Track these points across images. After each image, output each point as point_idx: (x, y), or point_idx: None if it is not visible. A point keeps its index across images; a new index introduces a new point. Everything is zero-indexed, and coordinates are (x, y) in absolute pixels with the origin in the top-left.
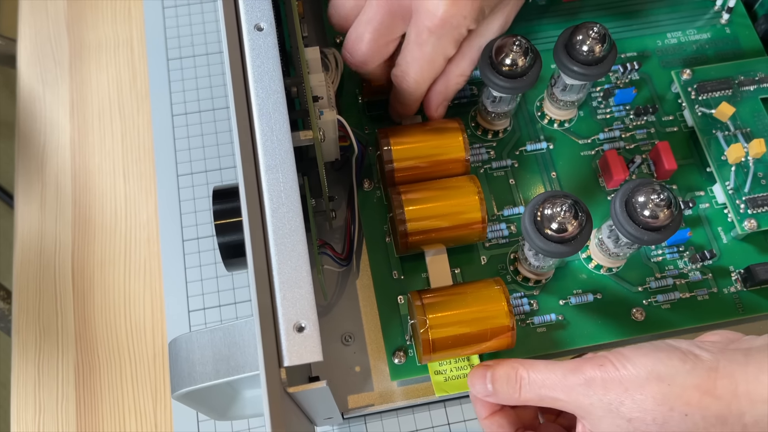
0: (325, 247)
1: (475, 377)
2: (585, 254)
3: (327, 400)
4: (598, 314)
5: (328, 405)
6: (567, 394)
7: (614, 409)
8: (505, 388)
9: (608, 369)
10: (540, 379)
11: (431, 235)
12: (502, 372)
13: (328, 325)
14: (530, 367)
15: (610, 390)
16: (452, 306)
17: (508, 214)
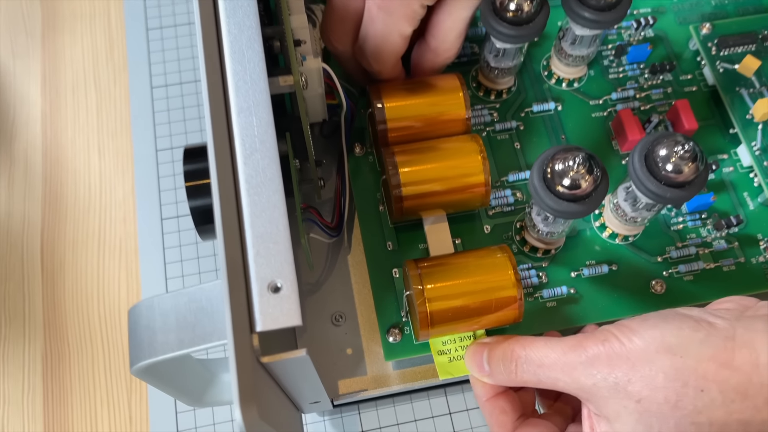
0: (310, 211)
1: (471, 356)
2: (598, 222)
3: (309, 375)
4: (614, 287)
5: (312, 383)
6: (568, 373)
7: (621, 388)
8: (501, 368)
9: (612, 344)
10: (537, 357)
11: (429, 199)
12: (498, 351)
13: (317, 304)
14: (527, 345)
15: (616, 367)
16: (452, 275)
17: (513, 179)
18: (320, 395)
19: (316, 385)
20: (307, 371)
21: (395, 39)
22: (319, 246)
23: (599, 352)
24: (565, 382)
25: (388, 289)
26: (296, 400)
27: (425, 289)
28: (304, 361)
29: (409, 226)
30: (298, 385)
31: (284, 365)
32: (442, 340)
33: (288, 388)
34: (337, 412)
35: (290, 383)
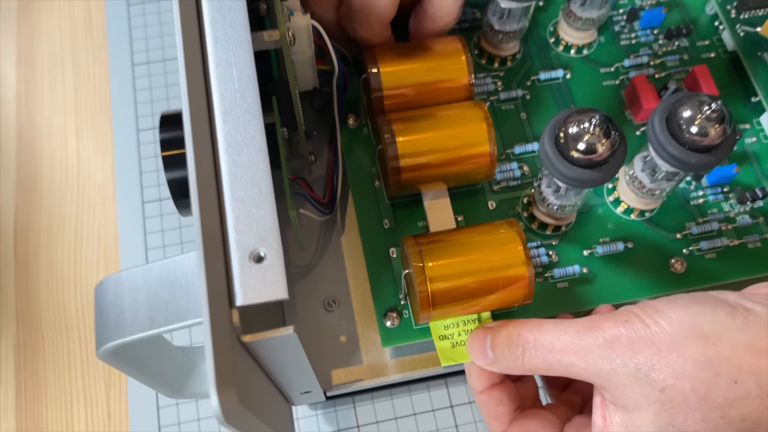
0: (299, 183)
1: (474, 342)
2: (612, 197)
3: (297, 358)
4: (630, 266)
5: (301, 368)
6: (583, 357)
7: (643, 375)
8: (506, 354)
9: (635, 325)
10: (548, 341)
11: (428, 171)
12: (502, 335)
13: (308, 288)
14: (535, 328)
15: (639, 351)
16: (456, 252)
17: (520, 152)
18: (311, 384)
19: (306, 371)
20: (294, 353)
21: (383, 2)
22: (311, 225)
23: (619, 334)
24: (579, 368)
25: (385, 271)
26: (285, 389)
27: (426, 266)
28: (291, 341)
29: (407, 202)
30: (286, 371)
31: (268, 345)
32: (444, 324)
33: (275, 375)
34: (330, 406)
35: (277, 368)
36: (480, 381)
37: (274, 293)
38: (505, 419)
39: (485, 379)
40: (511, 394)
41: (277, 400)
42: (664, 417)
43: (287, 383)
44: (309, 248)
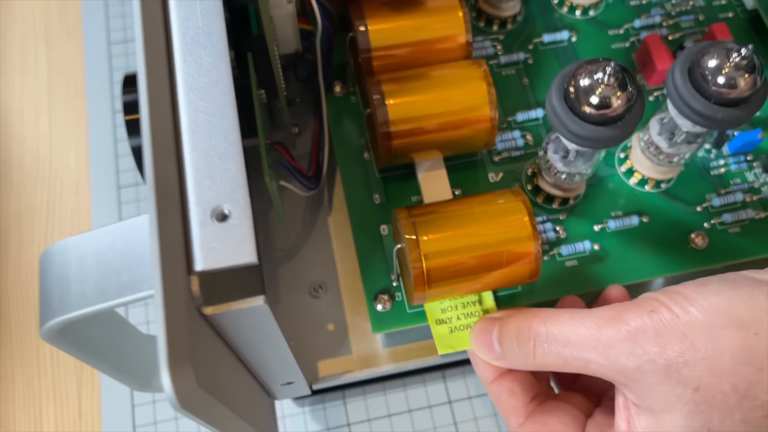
0: (277, 149)
1: (479, 334)
2: (625, 166)
3: (272, 337)
4: (646, 242)
5: (278, 350)
6: (603, 353)
7: (674, 372)
8: (516, 349)
9: (662, 315)
10: (563, 334)
11: (422, 137)
12: (511, 327)
13: (292, 273)
14: (548, 319)
15: (668, 345)
16: (453, 224)
17: (523, 119)
18: (292, 372)
19: (284, 355)
20: (267, 330)
21: None
22: (295, 203)
23: (644, 326)
24: (599, 365)
25: (376, 250)
26: (263, 379)
27: (420, 240)
28: (262, 313)
29: (399, 175)
30: (261, 354)
31: (235, 319)
32: (441, 307)
33: (249, 360)
34: (319, 402)
35: (250, 350)
36: (488, 370)
37: (239, 256)
38: (520, 411)
39: (493, 367)
40: (524, 383)
41: (254, 392)
42: (699, 419)
43: (264, 371)
44: (293, 229)
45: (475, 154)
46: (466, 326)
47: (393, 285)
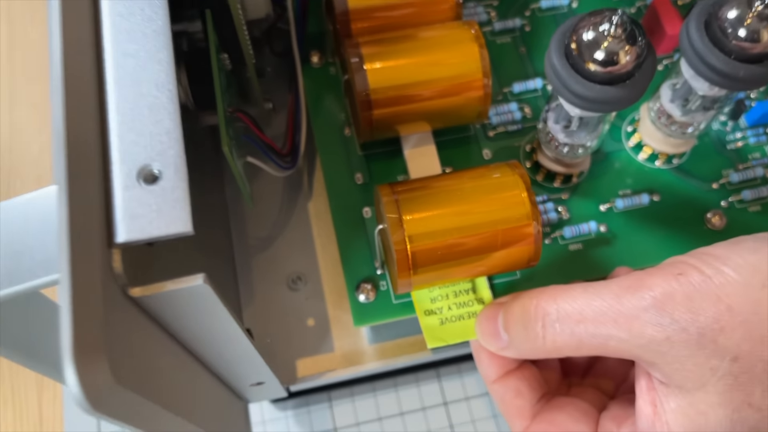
0: (239, 116)
1: (484, 323)
2: (633, 141)
3: (222, 326)
4: (658, 222)
5: (234, 343)
6: (625, 326)
7: (708, 341)
8: (522, 332)
9: (693, 278)
10: (576, 310)
11: (408, 107)
12: (516, 308)
13: (268, 264)
14: (558, 295)
15: (701, 311)
16: (442, 201)
17: (520, 90)
18: (258, 370)
19: (244, 350)
20: (215, 318)
21: None
22: (270, 187)
23: (672, 291)
24: (621, 340)
25: (358, 234)
26: (225, 378)
27: (404, 219)
28: (203, 296)
29: (384, 152)
30: (214, 348)
31: (171, 303)
32: (431, 296)
33: (202, 355)
34: (302, 405)
35: (199, 342)
36: (492, 368)
37: (170, 225)
38: (526, 413)
39: (498, 365)
40: (532, 381)
41: (215, 394)
42: (738, 394)
43: (223, 368)
44: (269, 215)
45: (468, 129)
46: (459, 317)
47: (377, 273)
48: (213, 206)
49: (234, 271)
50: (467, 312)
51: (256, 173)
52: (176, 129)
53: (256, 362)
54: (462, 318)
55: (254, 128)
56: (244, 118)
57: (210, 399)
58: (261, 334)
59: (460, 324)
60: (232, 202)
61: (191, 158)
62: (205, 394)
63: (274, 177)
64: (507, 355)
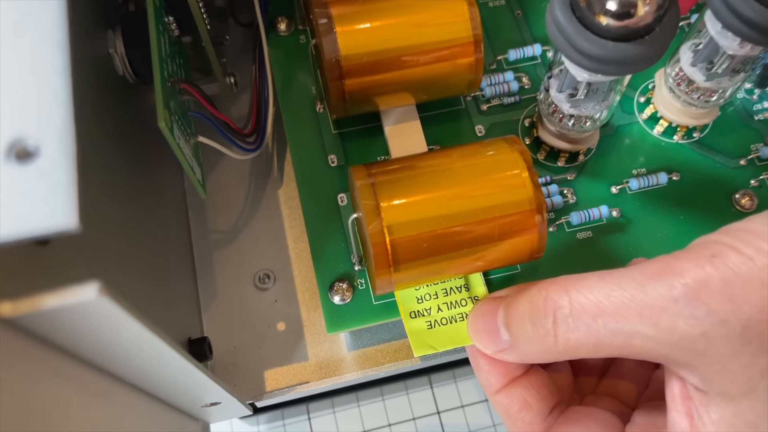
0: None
1: (478, 320)
2: (647, 112)
3: (143, 345)
4: (678, 205)
5: (168, 364)
6: (652, 320)
7: (754, 336)
8: (529, 331)
9: (731, 261)
10: (593, 302)
11: (384, 75)
12: (521, 303)
13: (233, 260)
14: (571, 286)
15: (743, 299)
16: (427, 183)
17: (516, 58)
18: (207, 390)
19: (181, 369)
20: (131, 336)
21: None
22: (235, 171)
23: (707, 277)
24: (646, 338)
25: (332, 225)
26: (171, 402)
27: (381, 206)
28: (102, 312)
29: (361, 130)
30: (145, 373)
31: (58, 324)
32: (417, 296)
33: (132, 380)
34: (277, 419)
35: (121, 367)
36: (494, 376)
37: (49, 217)
38: (537, 428)
39: (501, 372)
40: (542, 390)
41: (158, 421)
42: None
43: (164, 391)
44: (234, 206)
45: (458, 102)
46: (450, 319)
47: (354, 269)
48: (161, 196)
49: (192, 269)
50: (459, 313)
51: (219, 158)
52: (64, 91)
53: (203, 382)
54: (453, 320)
55: (204, 101)
56: (192, 90)
57: (150, 427)
58: (223, 341)
59: (452, 328)
60: (192, 192)
61: (131, 141)
62: (138, 424)
63: (238, 162)
64: (508, 359)
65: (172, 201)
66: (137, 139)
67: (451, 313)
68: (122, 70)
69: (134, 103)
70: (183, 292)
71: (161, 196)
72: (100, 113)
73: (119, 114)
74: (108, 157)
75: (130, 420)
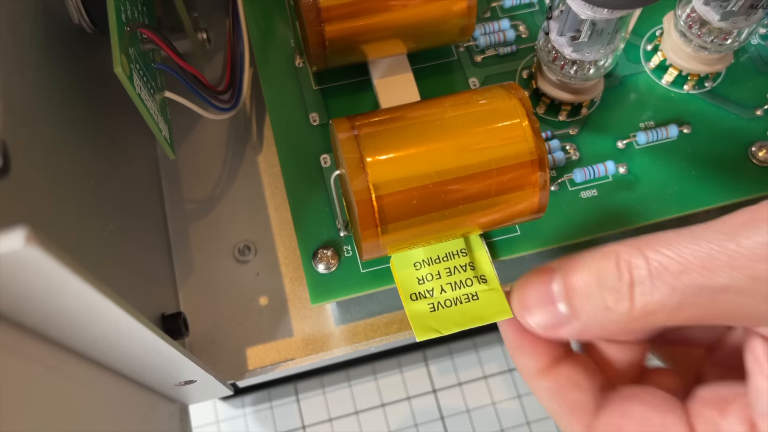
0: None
1: (529, 291)
2: (654, 61)
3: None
4: (690, 160)
5: (128, 333)
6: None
7: None
8: (599, 299)
9: None
10: (675, 257)
11: (367, 20)
12: (589, 268)
13: (211, 230)
14: (645, 245)
15: None
16: (416, 136)
17: (512, 4)
18: (179, 366)
19: (145, 340)
20: (75, 298)
21: None
22: (211, 135)
23: None
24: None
25: (315, 188)
26: (138, 379)
27: (366, 161)
28: (30, 265)
29: (345, 85)
30: (102, 344)
31: None
32: (418, 276)
33: (88, 353)
34: (264, 400)
35: (71, 337)
36: (537, 357)
37: None
38: (588, 407)
39: (546, 351)
40: (590, 366)
41: (124, 401)
42: None
43: (128, 366)
44: (210, 173)
45: (449, 52)
46: (455, 301)
47: (340, 235)
48: (130, 163)
49: (167, 242)
50: (465, 294)
51: (193, 121)
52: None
53: (171, 356)
54: (458, 302)
55: (169, 51)
56: (154, 37)
57: (115, 406)
58: (201, 317)
59: (457, 309)
60: (165, 160)
61: (93, 102)
62: (99, 402)
63: (214, 125)
64: (565, 335)
65: (143, 169)
66: (101, 101)
67: (455, 294)
68: (77, 17)
69: (96, 58)
70: (156, 265)
71: (130, 163)
72: (50, 65)
73: (75, 69)
74: (63, 115)
75: (89, 398)
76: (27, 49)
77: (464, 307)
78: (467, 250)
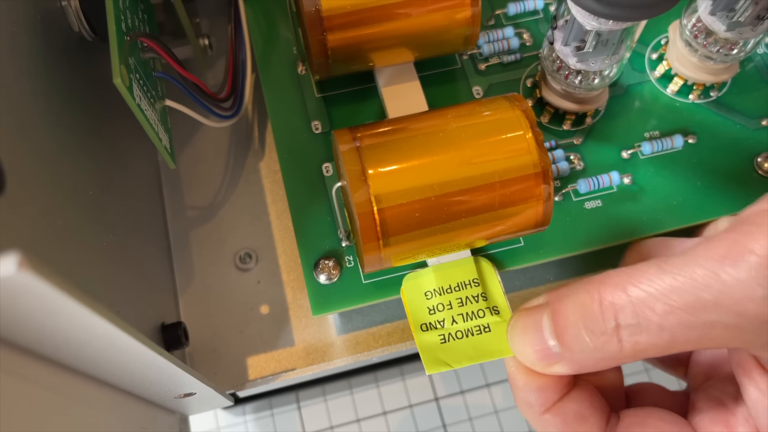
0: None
1: (522, 332)
2: (660, 70)
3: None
4: (695, 170)
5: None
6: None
7: None
8: (585, 339)
9: None
10: (661, 298)
11: (371, 29)
12: (573, 308)
13: (212, 238)
14: (625, 283)
15: None
16: (418, 148)
17: (516, 12)
18: (177, 380)
19: (142, 357)
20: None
21: None
22: (212, 142)
23: None
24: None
25: (317, 198)
26: (138, 393)
27: (368, 173)
28: (24, 289)
29: (348, 93)
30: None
31: None
32: (428, 306)
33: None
34: (265, 408)
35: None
36: (542, 393)
37: None
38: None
39: (551, 388)
40: (595, 399)
41: (122, 415)
42: None
43: (127, 382)
44: (212, 180)
45: (453, 61)
46: (466, 332)
47: (342, 246)
48: (131, 171)
49: (167, 249)
50: (477, 326)
51: (194, 128)
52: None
53: (172, 371)
54: (470, 333)
55: (169, 59)
56: (154, 45)
57: (115, 421)
58: (202, 326)
59: (469, 342)
60: (166, 167)
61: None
62: (99, 418)
63: (216, 132)
64: (560, 372)
65: (143, 176)
66: (101, 107)
67: (467, 325)
68: (77, 26)
69: (97, 66)
70: (156, 274)
71: (131, 170)
72: (49, 73)
73: (76, 77)
74: (62, 124)
75: (86, 414)
76: (26, 59)
77: (476, 339)
78: (479, 280)
